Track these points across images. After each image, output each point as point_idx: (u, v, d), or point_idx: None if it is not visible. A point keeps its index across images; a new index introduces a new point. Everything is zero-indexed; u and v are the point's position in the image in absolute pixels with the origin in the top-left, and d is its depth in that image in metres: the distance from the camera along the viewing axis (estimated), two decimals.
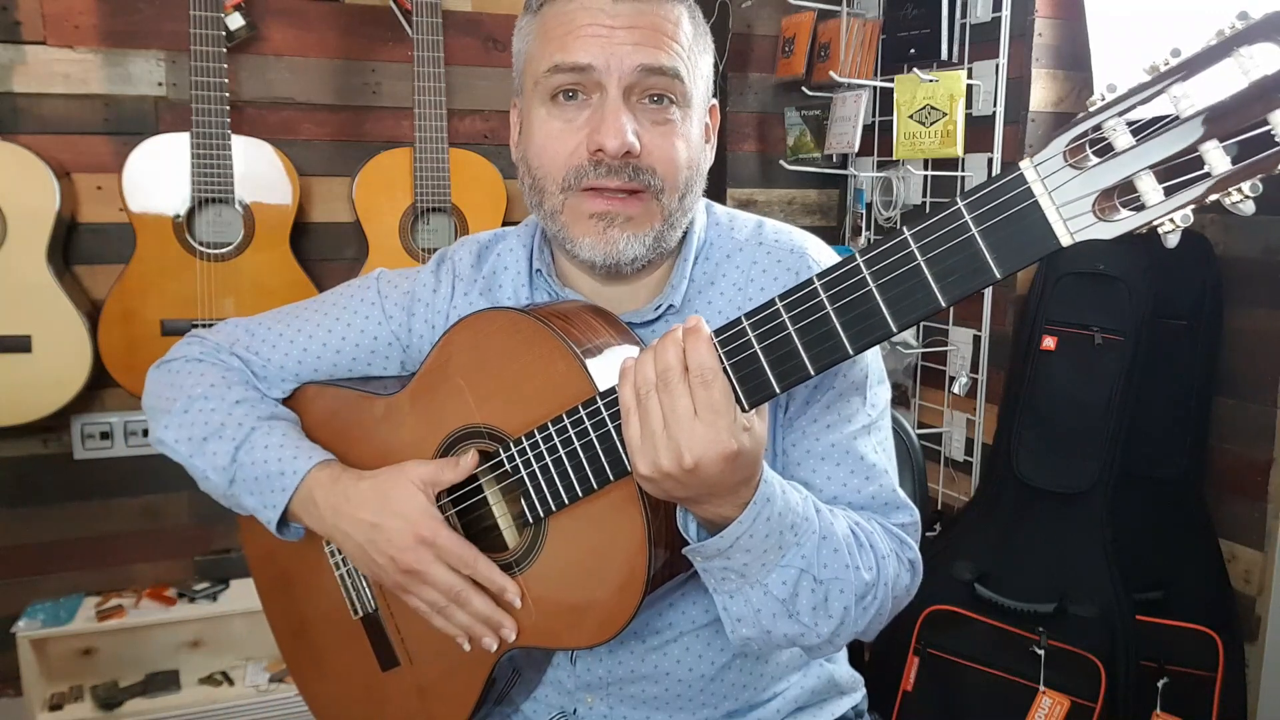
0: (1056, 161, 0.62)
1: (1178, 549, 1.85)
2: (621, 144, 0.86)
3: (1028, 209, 0.63)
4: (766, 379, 0.73)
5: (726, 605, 0.85)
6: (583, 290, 1.00)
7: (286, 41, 2.20)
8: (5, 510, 2.14)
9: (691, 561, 0.84)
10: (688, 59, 0.90)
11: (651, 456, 0.74)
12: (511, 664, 0.99)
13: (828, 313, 0.71)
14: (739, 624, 0.85)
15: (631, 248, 0.91)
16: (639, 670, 1.00)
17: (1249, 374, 1.83)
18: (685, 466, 0.73)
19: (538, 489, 0.87)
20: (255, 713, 2.11)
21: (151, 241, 1.99)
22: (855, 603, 0.85)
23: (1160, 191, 0.59)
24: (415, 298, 1.07)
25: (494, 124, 2.38)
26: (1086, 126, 0.61)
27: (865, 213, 2.49)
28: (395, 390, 1.02)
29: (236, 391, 1.03)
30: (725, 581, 0.83)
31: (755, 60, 2.58)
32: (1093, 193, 0.61)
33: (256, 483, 0.98)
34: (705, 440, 0.72)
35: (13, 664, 2.02)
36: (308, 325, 1.08)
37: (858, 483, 0.94)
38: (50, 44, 2.03)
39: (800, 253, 0.98)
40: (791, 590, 0.83)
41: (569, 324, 0.88)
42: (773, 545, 0.81)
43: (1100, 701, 1.75)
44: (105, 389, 2.11)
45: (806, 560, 0.82)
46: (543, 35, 0.91)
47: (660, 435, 0.73)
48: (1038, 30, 1.98)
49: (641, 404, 0.74)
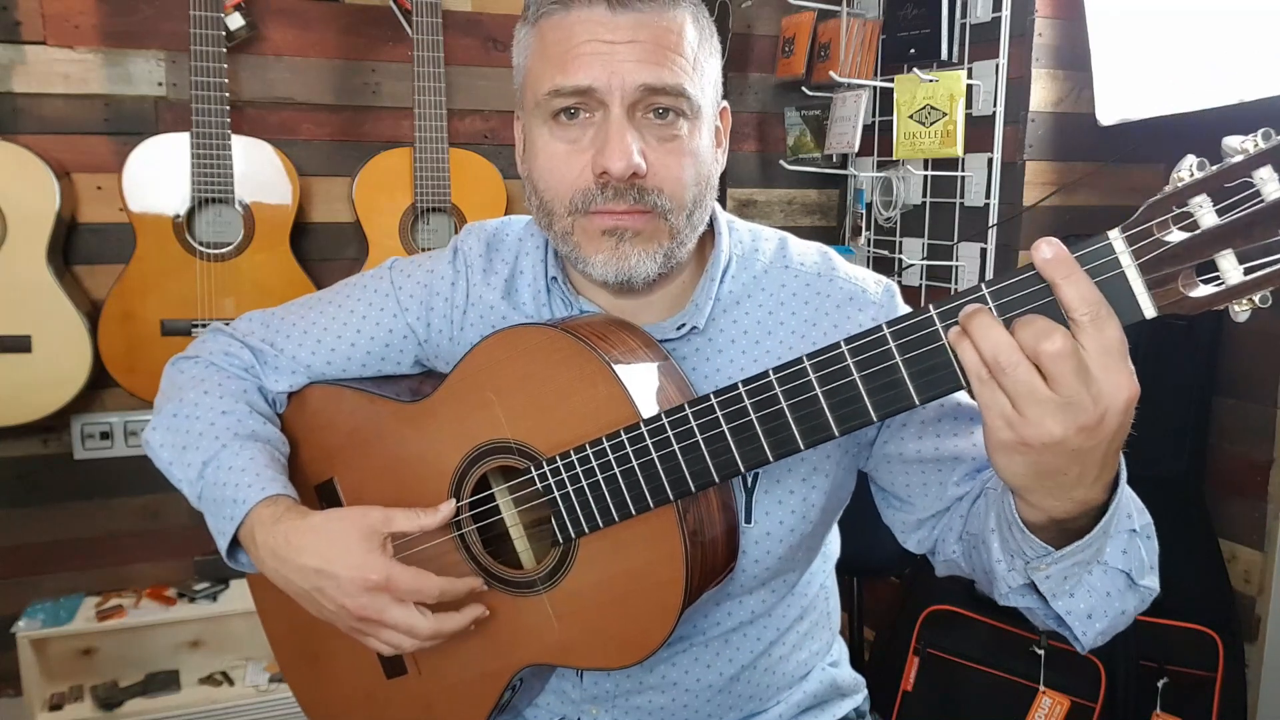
0: (1145, 233, 0.62)
1: (1178, 549, 1.85)
2: (627, 165, 0.84)
3: (1114, 278, 0.63)
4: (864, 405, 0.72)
5: (1071, 609, 0.77)
6: (598, 301, 0.98)
7: (286, 41, 2.20)
8: (5, 510, 2.14)
9: (1034, 566, 0.76)
10: (693, 70, 0.87)
11: (1072, 415, 0.64)
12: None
13: (897, 362, 0.69)
14: (1090, 621, 0.77)
15: (644, 264, 0.89)
16: (647, 681, 0.99)
17: (1249, 374, 1.83)
18: (1097, 417, 0.64)
19: (570, 510, 0.86)
20: (255, 713, 2.10)
21: (151, 241, 1.99)
22: (1151, 540, 0.80)
23: (1240, 271, 0.60)
24: (433, 291, 1.06)
25: (494, 124, 2.38)
26: (1174, 201, 0.61)
27: (865, 213, 2.49)
28: (410, 394, 1.01)
29: (226, 401, 1.00)
30: (1066, 581, 0.76)
31: (755, 60, 2.58)
32: (1177, 268, 0.61)
33: (215, 505, 0.94)
34: (1114, 385, 0.63)
35: (13, 664, 2.02)
36: (322, 318, 1.07)
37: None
38: (50, 44, 2.03)
39: (829, 276, 0.98)
40: (1128, 556, 0.77)
41: (610, 344, 0.86)
42: (1122, 513, 0.74)
43: (1100, 701, 1.75)
44: (105, 389, 2.11)
45: (1128, 515, 0.77)
46: (541, 52, 0.88)
47: (1073, 391, 0.63)
48: (1038, 30, 1.98)
49: (1015, 370, 0.64)
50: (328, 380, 1.07)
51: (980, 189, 2.11)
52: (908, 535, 1.00)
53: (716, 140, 0.95)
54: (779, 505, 0.95)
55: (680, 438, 0.79)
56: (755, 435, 0.76)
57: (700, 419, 0.78)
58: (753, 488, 0.94)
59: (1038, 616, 0.83)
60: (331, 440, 1.05)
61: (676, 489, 0.81)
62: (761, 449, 0.76)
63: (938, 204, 2.25)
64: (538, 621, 0.92)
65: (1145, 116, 1.81)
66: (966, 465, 0.93)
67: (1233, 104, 1.65)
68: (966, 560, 0.92)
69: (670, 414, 0.80)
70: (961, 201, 2.16)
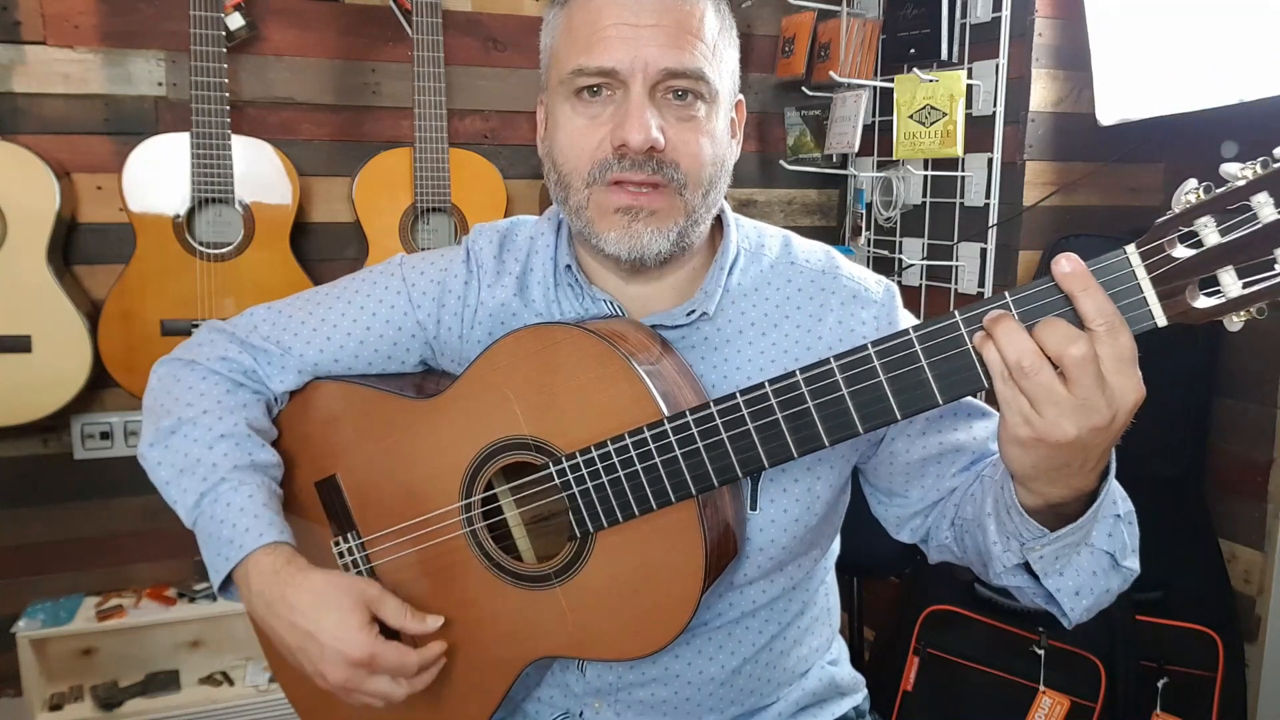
0: (1157, 249, 0.68)
1: (1178, 549, 1.85)
2: (645, 139, 0.87)
3: (1129, 290, 0.69)
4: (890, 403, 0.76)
5: (1060, 587, 0.83)
6: (609, 288, 0.99)
7: (286, 41, 2.20)
8: (5, 510, 2.14)
9: (1030, 548, 0.81)
10: (713, 56, 0.90)
11: (1086, 416, 0.69)
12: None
13: (922, 365, 0.74)
14: (1078, 598, 0.83)
15: (656, 242, 0.91)
16: (649, 673, 1.00)
17: (1249, 374, 1.83)
18: (1108, 418, 0.70)
19: (590, 505, 0.88)
20: (255, 713, 2.10)
21: (151, 241, 1.99)
22: (1133, 526, 0.85)
23: (1240, 285, 0.67)
24: (446, 288, 1.05)
25: (494, 124, 2.38)
26: (1181, 221, 0.68)
27: (865, 213, 2.49)
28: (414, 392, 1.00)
29: (225, 423, 0.99)
30: (1057, 561, 0.82)
31: (755, 60, 2.58)
32: (1184, 281, 0.68)
33: (210, 539, 0.94)
34: (1125, 389, 0.69)
35: (13, 664, 2.02)
36: (331, 314, 1.06)
37: (986, 423, 0.98)
38: (50, 44, 2.03)
39: (833, 273, 1.00)
40: (1113, 539, 0.82)
41: (630, 344, 0.88)
42: (1109, 500, 0.80)
43: (1100, 701, 1.75)
44: (105, 389, 2.11)
45: (1114, 501, 0.81)
46: (568, 33, 0.91)
47: (1091, 392, 0.69)
48: (1038, 30, 1.98)
49: (1038, 375, 0.69)
50: (331, 376, 1.06)
51: (980, 189, 2.11)
52: (901, 527, 1.04)
53: (732, 132, 0.98)
54: (784, 493, 0.96)
55: (705, 435, 0.82)
56: (781, 432, 0.79)
57: (726, 416, 0.81)
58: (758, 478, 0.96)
59: (1026, 595, 0.88)
60: (334, 436, 1.04)
61: (699, 484, 0.83)
62: (786, 445, 0.79)
63: (938, 204, 2.25)
64: (549, 615, 0.93)
65: (1145, 116, 1.81)
66: (966, 457, 0.97)
67: (1233, 104, 1.65)
68: (958, 545, 0.96)
69: (695, 411, 0.82)
70: (961, 201, 2.16)
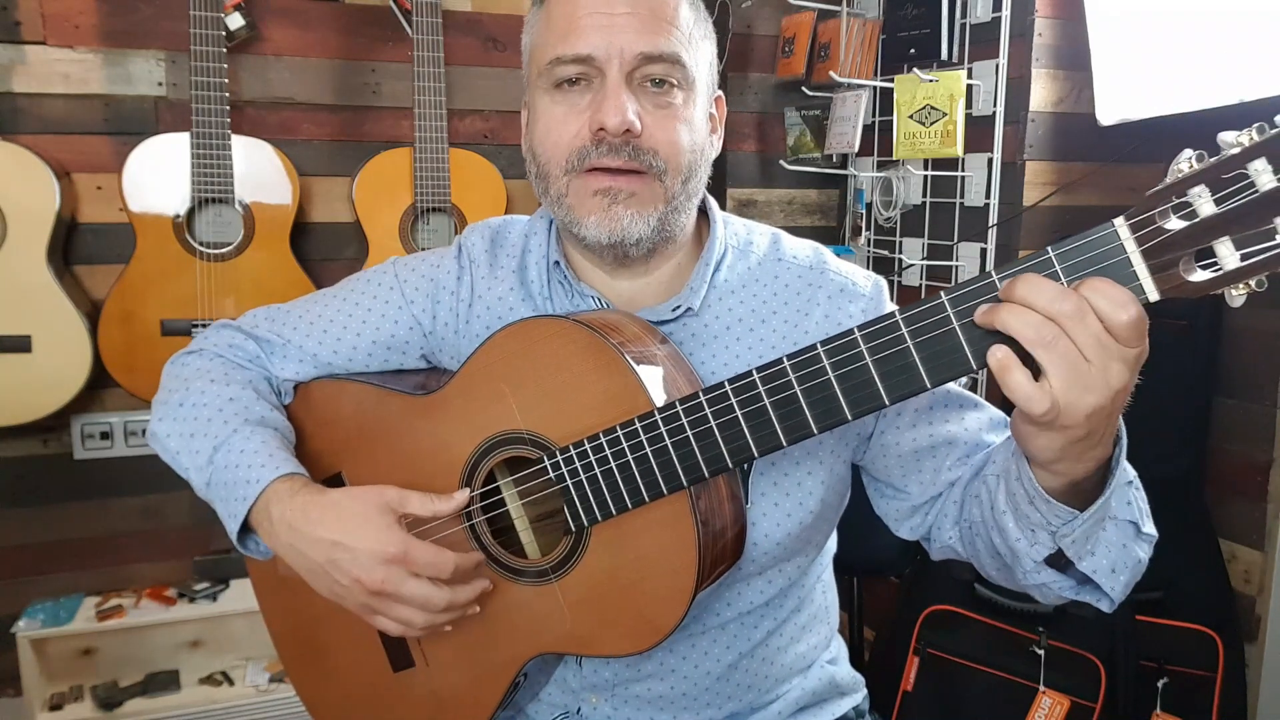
0: (1147, 220, 0.65)
1: (1178, 549, 1.85)
2: (622, 121, 0.87)
3: (1119, 264, 0.67)
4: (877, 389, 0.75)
5: (1096, 568, 0.81)
6: (596, 284, 1.00)
7: (286, 41, 2.20)
8: (5, 510, 2.14)
9: (1062, 534, 0.79)
10: (688, 43, 0.92)
11: (1101, 382, 0.67)
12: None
13: (909, 346, 0.73)
14: (1115, 575, 0.81)
15: (636, 226, 0.91)
16: (646, 669, 1.00)
17: (1249, 374, 1.83)
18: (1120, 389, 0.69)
19: (584, 498, 0.87)
20: (255, 713, 2.11)
21: (151, 241, 1.99)
22: (1141, 490, 0.84)
23: (1237, 257, 0.63)
24: (440, 285, 1.07)
25: (494, 124, 2.38)
26: (1174, 192, 0.64)
27: (865, 213, 2.49)
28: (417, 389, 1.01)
29: (233, 389, 1.00)
30: (1088, 541, 0.79)
31: (755, 60, 2.58)
32: (1177, 254, 0.65)
33: (226, 488, 0.93)
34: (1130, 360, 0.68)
35: (13, 664, 2.02)
36: (329, 311, 1.08)
37: (978, 415, 0.97)
38: (50, 44, 2.03)
39: (820, 269, 1.00)
40: (1131, 506, 0.81)
41: (622, 336, 0.88)
42: (1122, 466, 0.79)
43: (1100, 701, 1.75)
44: (105, 389, 2.11)
45: (1124, 469, 0.80)
46: (546, 28, 0.93)
47: (1098, 360, 0.67)
48: (1038, 30, 1.98)
49: (1058, 340, 0.67)
50: (334, 374, 1.07)
51: (980, 189, 2.11)
52: (901, 523, 1.03)
53: (712, 126, 0.98)
54: (774, 487, 0.97)
55: (694, 424, 0.81)
56: (769, 420, 0.78)
57: (714, 405, 0.80)
58: (748, 471, 0.96)
59: (1052, 591, 0.86)
60: (338, 434, 1.05)
61: (690, 475, 0.82)
62: (775, 433, 0.78)
63: (938, 204, 2.25)
64: (549, 610, 0.92)
65: (1145, 116, 1.81)
66: (960, 449, 0.97)
67: (1233, 104, 1.65)
68: (964, 545, 0.95)
69: (684, 401, 0.81)
70: (961, 201, 2.16)
